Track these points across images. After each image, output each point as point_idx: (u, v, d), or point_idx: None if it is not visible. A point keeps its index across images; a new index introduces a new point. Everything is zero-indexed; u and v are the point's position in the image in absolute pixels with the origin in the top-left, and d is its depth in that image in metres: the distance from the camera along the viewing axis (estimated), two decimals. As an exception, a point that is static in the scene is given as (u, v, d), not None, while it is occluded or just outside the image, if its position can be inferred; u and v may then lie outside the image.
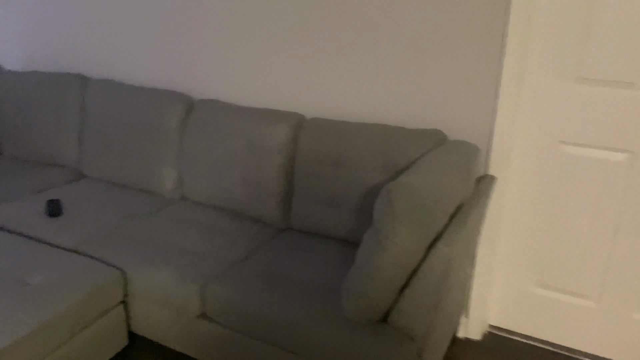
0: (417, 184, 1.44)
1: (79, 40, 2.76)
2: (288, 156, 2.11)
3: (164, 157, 2.34)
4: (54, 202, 2.20)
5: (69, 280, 1.73)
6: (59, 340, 1.64)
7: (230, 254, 1.94)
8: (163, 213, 2.24)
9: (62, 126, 2.59)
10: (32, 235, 2.05)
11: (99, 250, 1.95)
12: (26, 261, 1.82)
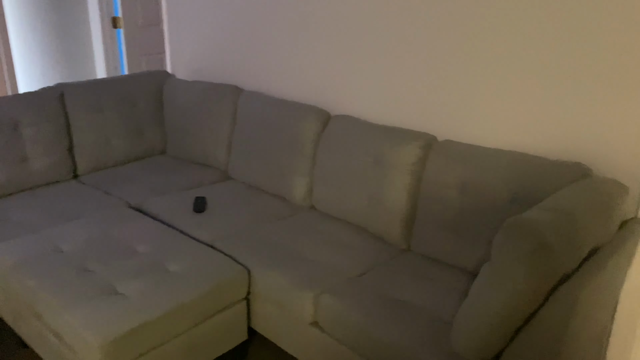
0: (544, 221, 1.33)
1: (237, 56, 3.04)
2: (415, 177, 2.10)
3: (298, 167, 2.47)
4: (200, 199, 2.45)
5: (202, 272, 1.91)
6: (187, 325, 1.82)
7: (348, 268, 1.98)
8: (292, 220, 2.36)
9: (216, 131, 2.87)
10: (177, 227, 2.31)
11: (231, 248, 2.12)
12: (170, 250, 2.05)
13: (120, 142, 2.94)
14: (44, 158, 2.62)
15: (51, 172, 2.66)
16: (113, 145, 2.91)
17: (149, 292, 1.78)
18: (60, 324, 1.69)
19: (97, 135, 2.84)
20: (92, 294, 1.75)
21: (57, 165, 2.68)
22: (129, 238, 2.13)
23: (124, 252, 2.03)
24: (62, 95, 2.75)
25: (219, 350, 1.99)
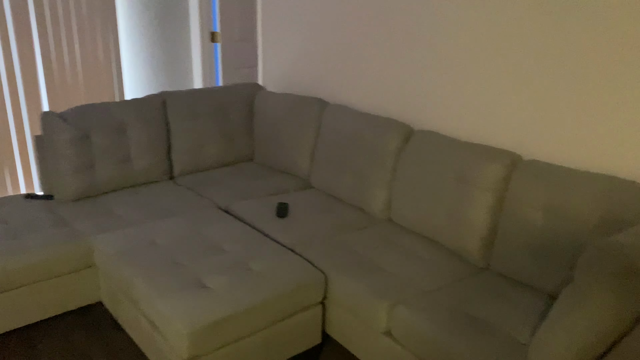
0: (633, 246, 1.29)
1: (323, 71, 3.16)
2: (498, 196, 2.08)
3: (378, 179, 2.52)
4: (283, 205, 2.57)
5: (282, 273, 2.01)
6: (265, 322, 1.92)
7: (424, 282, 2.00)
8: (369, 231, 2.41)
9: (300, 141, 2.99)
10: (261, 230, 2.43)
11: (310, 253, 2.20)
12: (253, 250, 2.17)
13: (213, 148, 3.14)
14: (145, 159, 2.86)
15: (151, 172, 2.89)
16: (206, 150, 3.12)
17: (233, 287, 1.90)
18: (153, 310, 1.85)
19: (193, 140, 3.06)
20: (182, 285, 1.90)
21: (156, 167, 2.91)
22: (217, 237, 2.28)
23: (212, 249, 2.17)
24: (165, 102, 3.00)
25: (293, 351, 2.07)
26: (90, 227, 2.37)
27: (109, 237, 2.25)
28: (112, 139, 2.75)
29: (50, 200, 2.66)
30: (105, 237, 2.25)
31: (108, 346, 2.29)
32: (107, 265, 2.15)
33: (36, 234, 2.28)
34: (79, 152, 2.62)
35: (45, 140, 2.66)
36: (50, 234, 2.28)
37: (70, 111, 2.69)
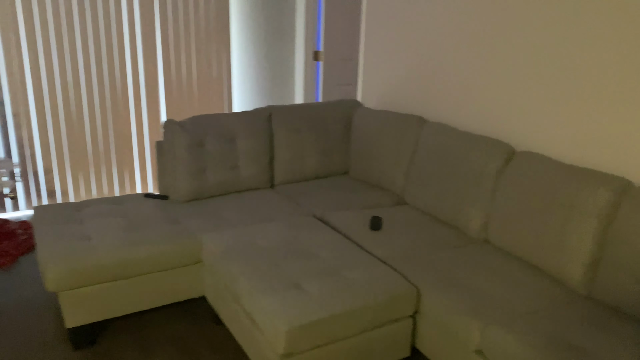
0: None
1: (422, 89, 3.20)
2: (605, 222, 2.00)
3: (476, 199, 2.51)
4: (377, 218, 2.63)
5: (375, 283, 2.07)
6: (357, 329, 1.98)
7: (520, 304, 1.96)
8: (464, 250, 2.40)
9: (397, 158, 3.05)
10: (355, 240, 2.51)
11: (403, 267, 2.24)
12: (347, 259, 2.25)
13: (311, 160, 3.28)
14: (250, 167, 3.06)
15: (254, 179, 3.09)
16: (305, 162, 3.27)
17: (327, 292, 1.98)
18: (254, 307, 1.98)
19: (294, 152, 3.22)
20: (280, 285, 2.02)
21: (260, 175, 3.10)
22: (313, 243, 2.39)
23: (308, 254, 2.28)
24: (270, 116, 3.20)
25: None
26: (200, 226, 2.58)
27: (215, 236, 2.43)
28: (223, 147, 2.97)
29: (166, 200, 2.93)
30: (212, 236, 2.44)
31: (209, 338, 2.47)
32: (213, 262, 2.33)
33: (153, 229, 2.52)
34: (193, 157, 2.87)
35: (166, 146, 2.94)
36: (165, 230, 2.51)
37: (188, 120, 2.95)
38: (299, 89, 4.72)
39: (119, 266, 2.30)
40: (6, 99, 3.71)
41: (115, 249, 2.31)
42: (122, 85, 4.05)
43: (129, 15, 3.95)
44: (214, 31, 4.30)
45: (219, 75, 4.41)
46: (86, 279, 2.24)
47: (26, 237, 3.42)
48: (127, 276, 2.35)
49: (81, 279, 2.23)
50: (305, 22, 4.51)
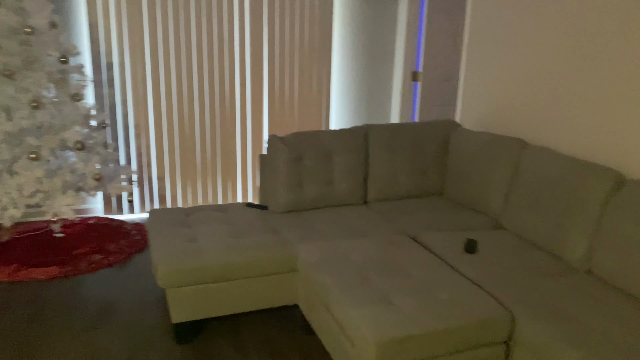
0: None
1: (525, 111, 3.12)
2: None
3: (580, 227, 2.39)
4: (472, 241, 2.59)
5: (467, 305, 2.04)
6: (446, 349, 1.97)
7: (623, 339, 1.84)
8: (565, 279, 2.30)
9: (495, 181, 2.99)
10: (448, 261, 2.49)
11: (497, 291, 2.19)
12: (440, 279, 2.25)
13: (405, 179, 3.31)
14: (345, 183, 3.15)
15: (348, 195, 3.17)
16: (399, 181, 3.30)
17: (419, 310, 2.00)
18: (345, 318, 2.04)
19: (388, 170, 3.27)
20: (372, 299, 2.06)
21: (354, 191, 3.18)
22: (405, 261, 2.41)
23: (400, 271, 2.31)
24: (367, 134, 3.27)
25: (471, 385, 2.07)
26: (296, 237, 2.70)
27: (311, 247, 2.53)
28: (320, 162, 3.09)
29: (265, 210, 3.09)
30: (307, 247, 2.54)
31: (299, 346, 2.56)
32: (308, 272, 2.43)
33: (254, 237, 2.68)
34: (293, 171, 3.01)
35: (268, 159, 3.11)
36: (264, 238, 2.66)
37: (290, 136, 3.11)
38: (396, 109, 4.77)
39: (221, 268, 2.47)
40: (130, 112, 4.12)
41: (219, 252, 2.49)
42: (230, 102, 4.34)
43: (240, 38, 4.25)
44: (316, 51, 4.48)
45: (318, 93, 4.58)
46: (192, 278, 2.43)
47: (139, 238, 3.76)
48: (228, 279, 2.51)
49: (187, 278, 2.42)
50: (405, 43, 4.56)
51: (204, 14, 4.11)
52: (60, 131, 3.33)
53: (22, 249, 3.48)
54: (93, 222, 4.02)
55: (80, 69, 3.47)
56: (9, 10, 3.16)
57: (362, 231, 2.82)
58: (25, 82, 3.22)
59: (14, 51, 3.18)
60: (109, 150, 3.64)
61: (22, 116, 3.22)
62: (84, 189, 3.48)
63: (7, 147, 3.20)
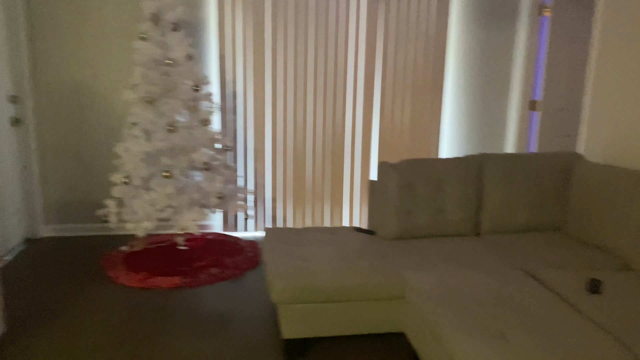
0: None
1: (665, 143, 2.87)
2: None
3: None
4: (596, 281, 2.41)
5: (591, 350, 1.90)
6: (568, 395, 1.84)
7: None
8: None
9: (623, 219, 2.76)
10: (569, 301, 2.34)
11: (627, 337, 2.02)
12: (559, 319, 2.11)
13: (522, 212, 3.17)
14: (457, 213, 3.09)
15: (460, 225, 3.11)
16: (515, 213, 3.17)
17: (536, 349, 1.89)
18: (456, 349, 1.99)
19: (503, 202, 3.16)
20: (485, 332, 2.00)
21: (466, 221, 3.11)
22: (521, 297, 2.30)
23: (516, 308, 2.21)
24: (481, 163, 3.20)
25: None
26: (405, 264, 2.70)
27: (421, 276, 2.52)
28: (431, 190, 3.08)
29: (373, 235, 3.13)
30: (417, 275, 2.53)
31: (404, 374, 2.53)
32: (417, 300, 2.41)
33: (362, 260, 2.72)
34: (403, 198, 3.03)
35: (378, 185, 3.16)
36: (373, 263, 2.69)
37: (401, 163, 3.14)
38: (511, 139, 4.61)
39: (332, 289, 2.53)
40: (250, 137, 4.41)
41: (331, 273, 2.56)
42: (341, 128, 4.48)
43: (354, 66, 4.39)
44: (429, 77, 4.50)
45: (429, 121, 4.57)
46: (304, 296, 2.52)
47: (252, 255, 3.97)
48: (338, 300, 2.57)
49: (300, 296, 2.52)
50: (523, 71, 4.42)
51: (321, 45, 4.32)
52: (190, 152, 3.65)
53: (151, 259, 3.83)
54: (212, 238, 4.31)
55: (210, 97, 3.79)
56: (154, 44, 3.56)
57: (475, 263, 2.75)
58: (163, 108, 3.59)
59: (156, 80, 3.57)
60: (230, 172, 3.91)
61: (159, 138, 3.59)
62: (207, 206, 3.76)
63: (145, 166, 3.57)
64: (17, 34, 3.96)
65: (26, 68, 4.04)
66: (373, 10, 4.33)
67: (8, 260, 3.86)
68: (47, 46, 4.10)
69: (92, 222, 4.42)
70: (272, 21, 4.24)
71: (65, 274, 3.63)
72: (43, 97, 4.18)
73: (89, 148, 4.30)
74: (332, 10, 4.29)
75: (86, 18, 4.11)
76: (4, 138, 3.91)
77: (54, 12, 4.06)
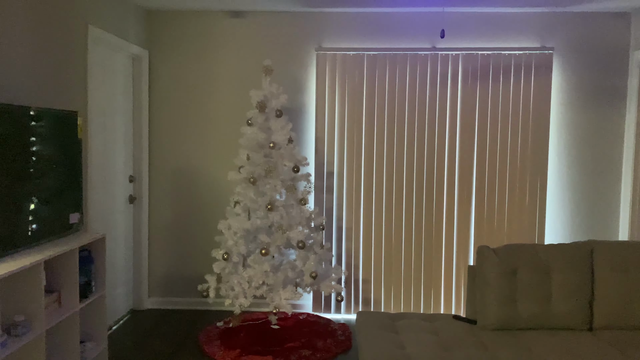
0: None
1: None
2: None
3: None
4: None
5: None
6: None
7: None
8: None
9: None
10: None
11: None
12: None
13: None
14: (565, 304, 2.86)
15: (569, 318, 2.86)
16: (635, 307, 2.87)
17: None
18: None
19: (620, 294, 2.88)
20: None
21: (576, 314, 2.86)
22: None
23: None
24: (592, 251, 2.98)
25: None
26: (508, 358, 2.50)
27: (528, 373, 2.31)
28: (536, 278, 2.89)
29: (473, 325, 2.96)
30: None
31: None
32: (525, 400, 2.20)
33: (460, 351, 2.57)
34: (505, 285, 2.87)
35: (477, 270, 3.03)
36: (471, 354, 2.52)
37: (502, 248, 3.01)
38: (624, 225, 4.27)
39: (429, 382, 2.39)
40: (343, 216, 4.47)
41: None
42: (437, 210, 4.41)
43: (449, 147, 4.39)
44: (530, 159, 4.36)
45: (531, 205, 4.37)
46: (399, 388, 2.40)
47: (343, 338, 3.88)
48: (435, 394, 2.42)
49: (395, 386, 2.40)
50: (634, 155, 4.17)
51: (416, 129, 4.39)
52: (286, 231, 3.76)
53: (245, 336, 3.88)
54: (303, 318, 4.30)
55: (308, 177, 3.94)
56: (259, 129, 3.82)
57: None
58: (264, 187, 3.78)
59: (258, 162, 3.79)
60: (324, 251, 3.95)
61: (258, 216, 3.75)
62: (300, 285, 3.79)
63: (244, 242, 3.72)
64: (140, 122, 4.44)
65: (145, 151, 4.48)
66: (469, 92, 4.37)
67: (114, 329, 4.09)
68: (163, 130, 4.55)
69: (192, 297, 4.61)
70: (366, 103, 4.41)
71: (165, 346, 3.76)
72: (157, 177, 4.58)
73: (194, 224, 4.58)
74: (426, 94, 4.39)
75: (199, 106, 4.53)
76: (122, 214, 4.28)
77: (171, 99, 4.54)
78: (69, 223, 2.98)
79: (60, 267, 2.82)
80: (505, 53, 4.34)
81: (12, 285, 2.49)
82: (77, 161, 3.06)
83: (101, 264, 3.10)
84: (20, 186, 2.53)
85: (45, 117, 2.72)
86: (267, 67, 3.92)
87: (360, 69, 4.40)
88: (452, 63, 4.37)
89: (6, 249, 2.44)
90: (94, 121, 3.74)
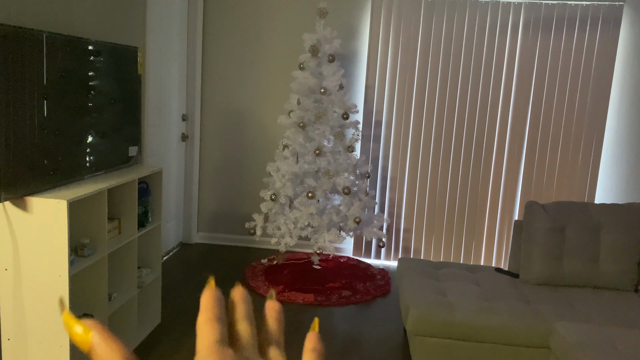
0: None
1: None
2: None
3: None
4: None
5: None
6: None
7: None
8: None
9: None
10: None
11: None
12: None
13: (694, 272, 2.81)
14: (613, 264, 2.84)
15: (616, 278, 2.84)
16: (685, 272, 2.82)
17: None
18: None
19: (671, 258, 2.83)
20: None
21: (623, 275, 2.84)
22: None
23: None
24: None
25: None
26: (551, 312, 2.53)
27: (569, 326, 2.35)
28: (585, 237, 2.87)
29: (515, 278, 2.99)
30: (565, 325, 2.36)
31: None
32: (565, 352, 2.25)
33: (502, 302, 2.61)
34: (552, 242, 2.86)
35: (524, 226, 3.02)
36: (514, 306, 2.57)
37: (552, 204, 2.98)
38: (682, 189, 4.12)
39: (471, 328, 2.46)
40: (389, 166, 4.48)
41: (471, 311, 2.50)
42: (484, 164, 4.36)
43: (504, 99, 4.28)
44: (587, 120, 4.22)
45: (584, 164, 4.26)
46: (440, 331, 2.49)
47: (383, 283, 3.99)
48: (473, 339, 2.49)
49: (436, 329, 2.49)
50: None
51: (470, 80, 4.29)
52: (333, 176, 3.82)
53: (288, 274, 4.04)
54: (344, 261, 4.42)
55: (356, 125, 3.95)
56: (310, 74, 3.82)
57: (632, 321, 2.49)
58: (313, 133, 3.82)
59: (309, 107, 3.81)
60: (368, 198, 4.01)
61: (306, 161, 3.81)
62: (344, 229, 3.88)
63: (291, 185, 3.81)
64: (194, 63, 4.51)
65: (197, 91, 4.57)
66: (529, 45, 4.20)
67: (165, 259, 4.32)
68: (216, 72, 4.61)
69: (238, 234, 4.79)
70: (420, 53, 4.32)
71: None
72: (208, 117, 4.68)
73: (244, 165, 4.70)
74: (483, 46, 4.25)
75: (252, 48, 4.54)
76: (175, 151, 4.43)
77: (224, 43, 4.56)
78: (128, 156, 3.12)
79: (120, 197, 2.98)
80: (572, 3, 4.12)
81: (79, 210, 2.66)
82: (137, 97, 3.17)
83: (158, 196, 3.26)
84: (83, 118, 2.65)
85: (105, 51, 2.81)
86: (322, 9, 3.87)
87: (417, 16, 4.28)
88: (513, 13, 4.19)
89: (73, 177, 2.60)
90: (151, 59, 3.83)
